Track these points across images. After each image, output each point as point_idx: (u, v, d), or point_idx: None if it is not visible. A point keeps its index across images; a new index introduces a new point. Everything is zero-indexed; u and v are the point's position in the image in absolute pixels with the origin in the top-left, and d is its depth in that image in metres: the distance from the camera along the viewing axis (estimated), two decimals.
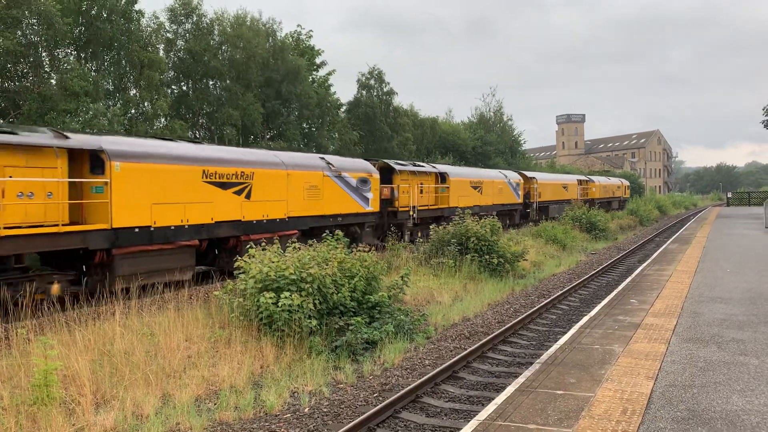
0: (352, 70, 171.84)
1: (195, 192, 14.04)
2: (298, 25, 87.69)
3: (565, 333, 10.79)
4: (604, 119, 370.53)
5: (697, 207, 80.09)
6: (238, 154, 16.29)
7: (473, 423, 6.06)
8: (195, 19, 31.80)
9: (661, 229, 41.23)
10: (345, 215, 19.32)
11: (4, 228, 10.57)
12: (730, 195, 72.88)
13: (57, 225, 11.42)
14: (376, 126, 42.44)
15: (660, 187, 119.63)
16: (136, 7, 25.73)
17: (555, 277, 19.77)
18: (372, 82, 44.03)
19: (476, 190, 29.97)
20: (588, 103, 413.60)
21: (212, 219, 14.48)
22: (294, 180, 17.23)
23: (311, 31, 42.65)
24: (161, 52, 29.64)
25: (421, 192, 24.86)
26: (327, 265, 11.41)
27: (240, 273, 11.25)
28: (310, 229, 17.74)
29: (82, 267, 12.39)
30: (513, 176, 35.73)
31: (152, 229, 13.04)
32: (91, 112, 20.43)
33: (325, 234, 14.25)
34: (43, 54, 22.89)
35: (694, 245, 22.43)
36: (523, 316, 13.15)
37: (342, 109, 42.46)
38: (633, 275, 15.73)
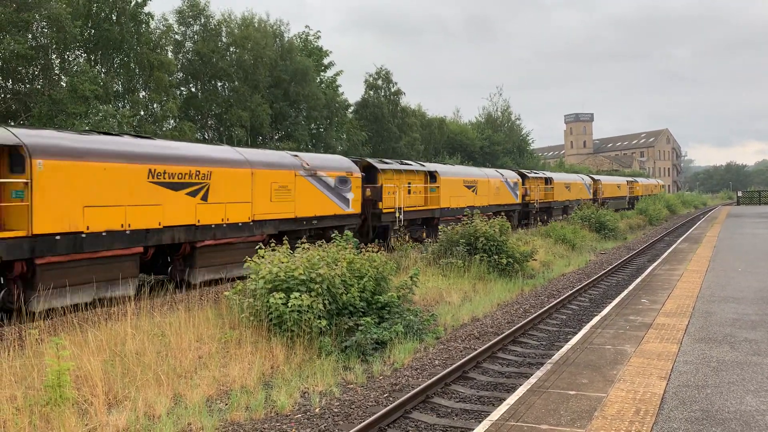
0: (353, 69, 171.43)
1: (460, 191, 27.58)
2: (306, 26, 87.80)
3: (576, 333, 10.75)
4: (610, 118, 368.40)
5: (706, 206, 79.48)
6: (470, 170, 31.04)
7: (485, 423, 6.04)
8: (203, 20, 31.90)
9: (671, 228, 40.96)
10: (509, 204, 32.50)
11: (417, 206, 24.19)
12: (740, 194, 72.39)
13: (425, 206, 24.83)
14: (384, 126, 42.41)
15: (669, 186, 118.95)
16: (145, 9, 25.84)
17: (564, 277, 19.69)
18: (380, 82, 43.99)
19: (567, 189, 41.92)
20: (593, 103, 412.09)
21: (465, 204, 26.72)
22: (491, 184, 31.05)
23: (319, 32, 42.68)
24: (170, 54, 29.74)
25: (538, 190, 38.18)
26: (336, 265, 11.41)
27: (250, 274, 11.28)
28: (495, 213, 28.46)
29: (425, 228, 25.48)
30: (587, 179, 47.36)
31: (449, 209, 26.21)
32: (101, 114, 20.54)
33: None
34: (53, 56, 23.03)
35: (704, 244, 22.30)
36: (533, 316, 13.09)
37: (350, 110, 42.42)
38: (643, 275, 15.65)
